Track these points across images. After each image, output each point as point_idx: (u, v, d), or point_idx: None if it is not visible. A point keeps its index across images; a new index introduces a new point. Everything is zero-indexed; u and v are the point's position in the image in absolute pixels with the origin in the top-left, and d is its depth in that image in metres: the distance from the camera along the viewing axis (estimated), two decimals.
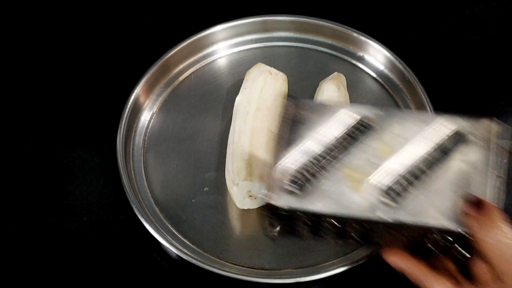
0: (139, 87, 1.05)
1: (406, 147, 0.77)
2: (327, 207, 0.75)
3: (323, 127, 0.79)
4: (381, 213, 0.74)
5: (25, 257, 0.94)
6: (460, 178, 0.75)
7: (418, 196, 0.74)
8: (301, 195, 0.76)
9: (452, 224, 0.73)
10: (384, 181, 0.76)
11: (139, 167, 1.01)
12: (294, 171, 0.77)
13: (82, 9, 1.21)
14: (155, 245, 0.94)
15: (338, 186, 0.76)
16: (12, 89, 1.12)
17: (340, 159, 0.77)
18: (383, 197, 0.75)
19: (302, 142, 0.79)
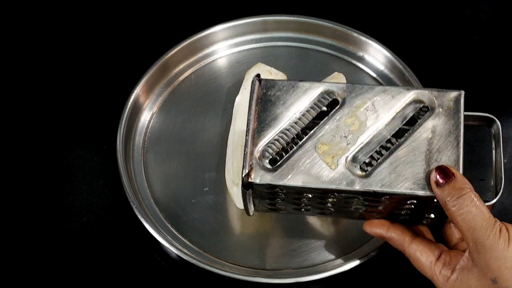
0: (139, 87, 1.05)
1: (375, 120, 0.80)
2: (304, 182, 0.78)
3: (293, 104, 0.81)
4: (356, 185, 0.77)
5: (25, 257, 0.95)
6: (429, 147, 0.77)
7: (390, 167, 0.77)
8: (278, 172, 0.78)
9: (423, 192, 0.76)
10: (356, 154, 0.79)
11: (139, 167, 1.01)
12: (269, 148, 0.80)
13: (82, 9, 1.21)
14: (155, 245, 0.94)
15: (312, 161, 0.78)
16: (12, 89, 1.12)
17: (312, 134, 0.80)
18: (357, 169, 0.78)
19: (274, 120, 0.81)
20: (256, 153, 0.79)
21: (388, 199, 0.78)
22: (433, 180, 0.75)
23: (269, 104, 0.81)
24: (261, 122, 0.81)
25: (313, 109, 0.82)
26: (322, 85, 0.82)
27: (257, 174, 0.78)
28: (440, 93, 0.81)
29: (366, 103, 0.80)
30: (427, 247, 0.80)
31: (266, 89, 0.82)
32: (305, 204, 0.83)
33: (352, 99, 0.81)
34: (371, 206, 0.81)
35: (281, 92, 0.82)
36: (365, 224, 0.85)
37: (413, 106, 0.81)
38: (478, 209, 0.73)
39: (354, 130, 0.79)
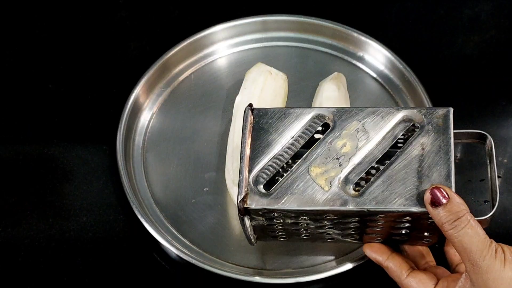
0: (139, 87, 1.06)
1: (366, 141, 0.81)
2: (298, 205, 0.78)
3: (285, 130, 0.83)
4: (350, 205, 0.78)
5: (25, 257, 0.94)
6: (420, 164, 0.78)
7: (382, 185, 0.78)
8: (273, 196, 0.79)
9: (416, 208, 0.76)
10: (349, 175, 0.80)
11: (139, 167, 1.01)
12: (263, 174, 0.81)
13: (81, 9, 1.21)
14: (155, 245, 0.94)
15: (306, 184, 0.79)
16: (12, 89, 1.12)
17: (305, 158, 0.81)
18: (350, 190, 0.79)
19: (267, 147, 0.82)
20: (250, 179, 0.80)
21: (383, 218, 0.78)
22: (427, 201, 0.75)
23: (262, 131, 0.83)
24: (254, 149, 0.82)
25: (305, 134, 0.83)
26: (313, 110, 0.84)
27: (252, 199, 0.79)
28: (429, 111, 0.81)
29: (356, 125, 0.82)
30: (424, 278, 0.81)
31: (258, 117, 0.84)
32: (304, 230, 0.84)
33: (342, 122, 0.82)
34: (368, 226, 0.81)
35: (273, 119, 0.84)
36: (365, 246, 0.85)
37: (403, 125, 0.82)
38: (474, 231, 0.73)
39: (346, 152, 0.80)
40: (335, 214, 0.79)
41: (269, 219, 0.81)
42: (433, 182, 0.76)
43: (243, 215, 0.81)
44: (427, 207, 0.75)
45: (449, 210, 0.73)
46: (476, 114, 1.07)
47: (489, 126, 1.04)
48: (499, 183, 1.00)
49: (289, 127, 0.83)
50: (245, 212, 0.80)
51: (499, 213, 0.96)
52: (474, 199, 0.97)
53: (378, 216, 0.78)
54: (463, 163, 1.00)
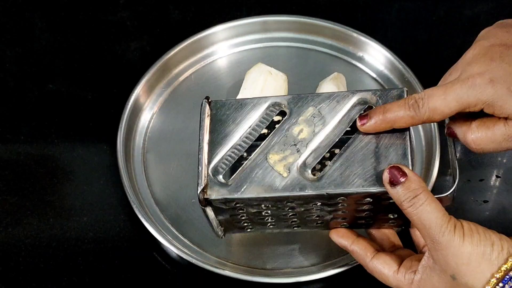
0: (140, 87, 1.06)
1: (322, 126, 0.81)
2: (258, 192, 0.79)
3: (242, 121, 0.83)
4: (309, 189, 0.78)
5: (26, 257, 0.95)
6: (377, 145, 0.78)
7: (340, 168, 0.78)
8: (232, 185, 0.80)
9: (375, 188, 0.76)
10: (307, 160, 0.80)
11: (140, 167, 1.01)
12: (222, 164, 0.81)
13: (82, 9, 1.21)
14: (155, 245, 0.94)
15: (264, 171, 0.80)
16: (12, 89, 1.12)
17: (263, 146, 0.81)
18: (309, 174, 0.79)
19: (225, 138, 0.82)
20: (210, 170, 0.81)
21: (343, 200, 0.79)
22: (386, 180, 0.75)
23: (220, 123, 0.83)
24: (212, 140, 0.82)
25: (262, 122, 0.83)
26: (269, 99, 0.84)
27: (212, 190, 0.80)
28: (384, 92, 0.81)
29: (312, 111, 0.82)
30: (388, 259, 0.81)
31: (216, 110, 0.84)
32: (268, 218, 0.84)
33: (298, 109, 0.82)
34: (332, 211, 0.81)
35: (231, 110, 0.84)
36: (331, 232, 0.86)
37: (358, 108, 0.81)
38: (432, 207, 0.73)
39: (303, 138, 0.81)
40: (295, 199, 0.79)
41: (232, 209, 0.81)
42: (390, 162, 0.77)
43: (205, 206, 0.81)
44: (386, 187, 0.75)
45: (407, 187, 0.74)
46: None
47: None
48: (499, 183, 1.00)
49: (246, 117, 0.83)
50: (206, 203, 0.80)
51: (498, 212, 0.96)
52: (473, 199, 0.97)
53: (339, 199, 0.78)
54: (462, 163, 1.00)
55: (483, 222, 0.92)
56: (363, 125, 0.79)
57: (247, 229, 0.87)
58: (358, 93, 0.82)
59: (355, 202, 0.79)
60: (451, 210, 0.75)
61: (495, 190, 0.99)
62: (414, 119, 0.77)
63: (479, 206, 0.97)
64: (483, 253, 0.71)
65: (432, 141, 0.99)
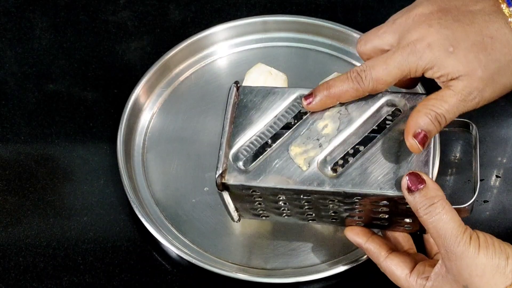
0: (140, 87, 1.06)
1: (348, 124, 0.81)
2: (275, 183, 0.79)
3: (268, 109, 0.83)
4: (327, 186, 0.78)
5: (25, 257, 0.95)
6: (400, 149, 0.78)
7: (361, 167, 0.78)
8: (251, 173, 0.80)
9: (392, 192, 0.76)
10: (328, 156, 0.80)
11: (140, 167, 1.01)
12: (244, 151, 0.81)
13: (82, 9, 1.21)
14: (155, 245, 0.94)
15: (284, 162, 0.80)
16: (12, 89, 1.12)
17: (285, 138, 0.81)
18: (328, 171, 0.79)
19: (249, 125, 0.82)
20: (230, 156, 0.81)
21: (360, 200, 0.79)
22: (404, 186, 0.75)
23: (246, 109, 0.83)
24: (236, 126, 0.82)
25: (287, 113, 0.83)
26: (297, 90, 0.84)
27: (230, 175, 0.80)
28: (412, 96, 0.81)
29: (339, 107, 0.81)
30: (402, 260, 0.81)
31: (243, 95, 0.84)
32: (284, 209, 0.84)
33: None
34: (348, 209, 0.81)
35: (258, 97, 0.84)
36: (346, 229, 0.86)
37: (386, 109, 0.81)
38: (449, 217, 0.73)
39: (327, 133, 0.80)
40: (312, 194, 0.79)
41: (249, 196, 0.82)
42: (411, 167, 0.77)
43: (221, 190, 0.81)
44: (404, 193, 0.75)
45: (424, 195, 0.73)
46: (475, 114, 1.06)
47: (488, 126, 1.04)
48: (499, 183, 1.00)
49: (273, 106, 0.83)
50: (223, 187, 0.80)
51: (498, 212, 0.96)
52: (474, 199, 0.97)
53: (355, 199, 0.78)
54: (462, 163, 1.00)
55: (484, 222, 0.93)
56: (309, 104, 0.80)
57: (262, 216, 0.87)
58: (387, 94, 0.81)
59: (372, 203, 0.79)
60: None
61: (495, 190, 0.99)
62: (358, 91, 0.79)
63: (480, 206, 0.97)
64: (498, 265, 0.71)
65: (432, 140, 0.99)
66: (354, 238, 0.85)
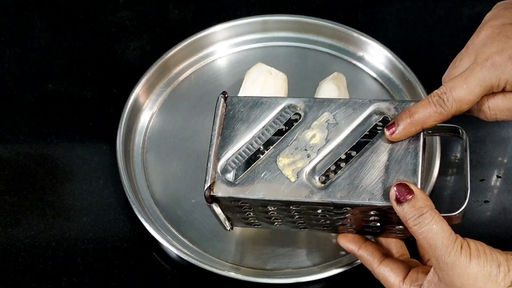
0: (139, 87, 1.06)
1: (336, 133, 0.80)
2: (264, 194, 0.78)
3: (256, 120, 0.82)
4: (315, 197, 0.77)
5: (25, 257, 0.95)
6: (388, 158, 0.77)
7: (349, 178, 0.77)
8: (239, 185, 0.79)
9: (381, 203, 0.75)
10: (316, 166, 0.79)
11: (139, 167, 1.01)
12: (232, 163, 0.81)
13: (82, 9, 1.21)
14: (155, 245, 0.94)
15: (273, 174, 0.79)
16: (12, 89, 1.12)
17: (273, 148, 0.80)
18: (316, 181, 0.78)
19: (237, 136, 0.82)
20: (218, 168, 0.80)
21: (350, 211, 0.78)
22: (392, 197, 0.74)
23: (233, 120, 0.83)
24: (224, 138, 0.82)
25: (275, 123, 0.82)
26: (285, 100, 0.83)
27: (218, 187, 0.79)
28: (401, 104, 0.80)
29: (327, 116, 0.81)
30: (395, 267, 0.80)
31: (231, 106, 0.84)
32: (275, 218, 0.84)
33: (313, 113, 0.81)
34: (338, 218, 0.81)
35: (245, 108, 0.83)
36: (339, 236, 0.85)
37: (374, 117, 0.80)
38: (439, 227, 0.72)
39: (315, 144, 0.80)
40: (301, 205, 0.78)
41: (239, 207, 0.81)
42: (399, 177, 0.76)
43: (210, 203, 0.80)
44: (392, 203, 0.74)
45: (412, 205, 0.73)
46: None
47: (489, 126, 1.04)
48: (500, 183, 1.00)
49: (261, 116, 0.82)
50: (212, 200, 0.80)
51: (499, 213, 0.96)
52: (474, 199, 0.97)
53: (344, 209, 0.78)
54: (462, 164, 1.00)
55: (484, 222, 0.93)
56: (392, 134, 0.77)
57: (254, 225, 0.87)
58: (375, 102, 0.81)
59: (362, 213, 0.78)
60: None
61: (495, 190, 0.99)
62: (442, 114, 0.76)
63: (480, 206, 0.97)
64: (489, 274, 0.71)
65: (432, 140, 0.99)
66: (347, 245, 0.84)
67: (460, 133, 0.82)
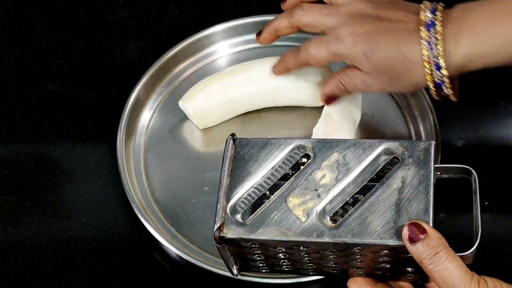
0: (140, 87, 1.06)
1: (346, 174, 0.80)
2: (274, 235, 0.78)
3: (265, 161, 0.82)
4: (326, 236, 0.76)
5: (25, 257, 0.95)
6: (399, 198, 0.77)
7: (360, 217, 0.77)
8: (249, 226, 0.78)
9: (393, 242, 0.75)
10: (327, 207, 0.78)
11: (139, 167, 1.01)
12: (241, 203, 0.80)
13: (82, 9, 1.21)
14: (155, 245, 0.94)
15: (283, 214, 0.78)
16: (12, 89, 1.12)
17: (283, 189, 0.80)
18: (327, 221, 0.77)
19: (246, 177, 0.81)
20: (228, 209, 0.80)
21: (360, 250, 0.77)
22: (405, 237, 0.73)
23: (243, 162, 0.82)
24: (234, 178, 0.81)
25: (285, 164, 0.82)
26: (294, 141, 0.83)
27: (228, 228, 0.79)
28: (411, 144, 0.80)
29: (336, 157, 0.81)
30: None
31: (240, 147, 0.83)
32: (284, 262, 0.83)
33: (323, 153, 0.81)
34: (348, 260, 0.80)
35: (254, 149, 0.83)
36: (349, 281, 0.83)
37: (384, 157, 0.80)
38: (455, 265, 0.71)
39: (325, 184, 0.79)
40: (311, 246, 0.78)
41: (248, 248, 0.81)
42: (411, 216, 0.75)
43: (220, 244, 0.80)
44: (405, 243, 0.73)
45: (427, 245, 0.72)
46: (476, 114, 1.07)
47: (489, 126, 1.05)
48: (500, 183, 0.99)
49: (270, 157, 0.82)
50: (222, 241, 0.79)
51: (499, 213, 0.96)
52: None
53: (355, 249, 0.77)
54: None
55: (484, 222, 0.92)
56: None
57: (262, 270, 0.85)
58: (384, 142, 0.80)
59: (373, 253, 0.78)
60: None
61: (495, 190, 0.99)
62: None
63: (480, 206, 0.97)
64: None
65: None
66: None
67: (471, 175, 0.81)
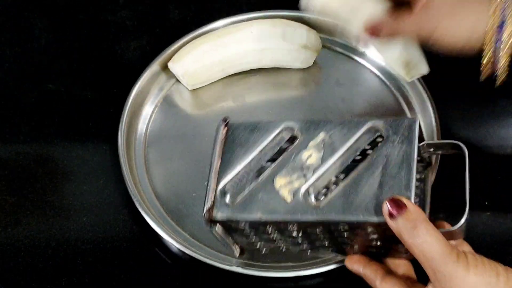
0: (141, 82, 1.06)
1: (331, 153, 0.80)
2: (261, 215, 0.79)
3: (255, 143, 0.84)
4: (310, 215, 0.77)
5: (25, 257, 0.94)
6: (382, 174, 0.77)
7: (344, 195, 0.77)
8: (237, 207, 0.80)
9: (376, 218, 0.75)
10: (312, 186, 0.79)
11: (141, 162, 1.01)
12: (230, 185, 0.82)
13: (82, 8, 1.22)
14: (156, 239, 0.94)
15: (269, 194, 0.80)
16: (12, 88, 1.12)
17: (270, 170, 0.81)
18: (312, 200, 0.78)
19: (236, 159, 0.83)
20: (217, 191, 0.81)
21: (347, 229, 0.78)
22: (385, 212, 0.74)
23: (233, 144, 0.84)
24: (224, 161, 0.83)
25: (274, 146, 0.83)
26: (282, 123, 0.84)
27: (217, 210, 0.80)
28: (395, 121, 0.80)
29: (323, 136, 0.82)
30: (397, 283, 0.80)
31: (231, 130, 0.85)
32: (278, 239, 0.84)
33: (309, 134, 0.82)
34: (338, 238, 0.81)
35: (244, 132, 0.84)
36: (346, 259, 0.85)
37: (368, 135, 0.81)
38: (434, 238, 0.72)
39: (311, 163, 0.80)
40: (298, 224, 0.79)
41: (241, 230, 0.82)
42: (392, 192, 0.76)
43: (209, 226, 0.81)
44: (386, 219, 0.74)
45: (406, 219, 0.72)
46: (476, 113, 1.07)
47: (489, 126, 1.05)
48: (499, 183, 0.99)
49: (259, 140, 0.84)
50: (211, 222, 0.81)
51: (499, 213, 0.96)
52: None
53: (341, 227, 0.78)
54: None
55: (484, 222, 0.92)
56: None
57: (262, 251, 0.87)
58: (369, 120, 0.81)
59: (361, 230, 0.78)
60: None
61: (495, 190, 0.99)
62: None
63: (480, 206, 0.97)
64: (489, 283, 0.71)
65: (433, 136, 0.99)
66: (352, 267, 0.84)
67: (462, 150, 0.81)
